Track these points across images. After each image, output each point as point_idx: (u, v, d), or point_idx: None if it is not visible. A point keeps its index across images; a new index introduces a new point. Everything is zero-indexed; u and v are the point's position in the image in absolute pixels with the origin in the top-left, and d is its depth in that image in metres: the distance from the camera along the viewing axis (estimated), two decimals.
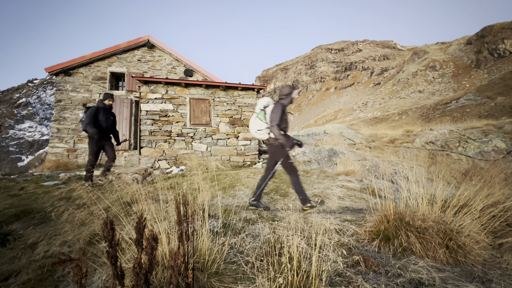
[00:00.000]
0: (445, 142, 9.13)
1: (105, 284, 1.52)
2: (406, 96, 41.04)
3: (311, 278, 1.24)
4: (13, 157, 65.22)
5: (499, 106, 18.12)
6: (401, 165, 4.56)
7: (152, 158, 7.04)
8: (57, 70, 9.03)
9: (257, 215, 2.65)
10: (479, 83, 33.29)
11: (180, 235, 1.23)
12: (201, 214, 1.82)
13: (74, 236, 2.26)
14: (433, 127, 12.58)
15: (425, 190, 1.96)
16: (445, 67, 44.40)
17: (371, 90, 53.58)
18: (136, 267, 0.89)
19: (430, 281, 1.36)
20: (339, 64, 68.25)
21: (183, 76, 10.37)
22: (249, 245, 1.83)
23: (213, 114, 7.73)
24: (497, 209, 1.84)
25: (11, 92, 78.69)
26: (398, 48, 69.08)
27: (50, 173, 6.58)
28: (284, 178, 4.89)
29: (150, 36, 10.04)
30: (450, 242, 1.64)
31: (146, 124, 7.10)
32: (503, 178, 2.31)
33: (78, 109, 9.17)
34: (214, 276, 1.44)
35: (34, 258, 2.00)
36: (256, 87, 8.11)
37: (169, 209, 2.42)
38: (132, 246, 1.68)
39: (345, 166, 5.31)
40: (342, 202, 3.46)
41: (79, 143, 9.04)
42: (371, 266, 1.52)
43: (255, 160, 7.92)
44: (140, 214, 1.00)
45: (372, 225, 1.97)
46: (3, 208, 3.36)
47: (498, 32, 39.93)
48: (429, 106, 26.40)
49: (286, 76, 76.01)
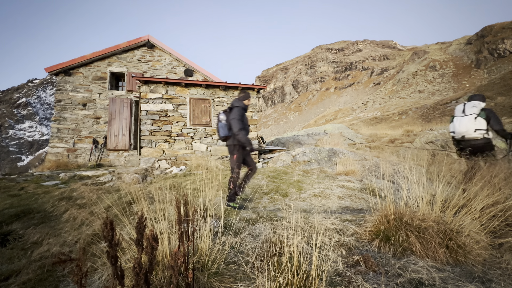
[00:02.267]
0: (445, 142, 9.13)
1: (105, 284, 1.52)
2: (406, 96, 41.04)
3: (311, 278, 1.24)
4: (13, 157, 65.22)
5: (499, 106, 18.13)
6: (401, 165, 4.55)
7: (152, 158, 7.04)
8: (57, 70, 9.03)
9: (257, 215, 2.65)
10: (479, 83, 33.29)
11: (180, 235, 1.23)
12: (202, 214, 1.82)
13: (74, 236, 2.26)
14: (433, 127, 12.58)
15: (425, 190, 1.96)
16: (445, 67, 44.40)
17: (371, 90, 53.59)
18: (136, 267, 0.89)
19: (430, 281, 1.36)
20: (339, 64, 68.24)
21: (183, 76, 10.36)
22: (249, 245, 1.83)
23: (213, 114, 7.73)
24: (497, 209, 1.84)
25: (11, 92, 78.69)
26: (398, 48, 69.08)
27: (50, 173, 6.59)
28: (284, 178, 4.89)
29: (150, 36, 10.04)
30: (450, 242, 1.64)
31: (146, 124, 7.10)
32: (503, 178, 2.31)
33: (78, 109, 9.17)
34: (214, 276, 1.44)
35: (34, 258, 2.00)
36: (256, 87, 8.11)
37: (169, 209, 2.43)
38: (132, 246, 1.68)
39: (345, 166, 5.32)
40: (342, 202, 3.46)
41: (79, 143, 9.04)
42: (371, 266, 1.52)
43: (255, 160, 7.92)
44: (140, 214, 1.00)
45: (372, 225, 1.97)
46: (3, 208, 3.36)
47: (498, 32, 39.93)
48: (429, 106, 26.41)
49: (286, 76, 76.01)
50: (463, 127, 3.27)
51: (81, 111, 9.21)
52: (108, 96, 9.45)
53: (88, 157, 8.93)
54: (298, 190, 4.01)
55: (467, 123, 3.24)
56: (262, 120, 65.39)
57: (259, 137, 12.17)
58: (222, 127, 3.26)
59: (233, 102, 3.34)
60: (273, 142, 13.83)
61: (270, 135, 48.30)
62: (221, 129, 3.26)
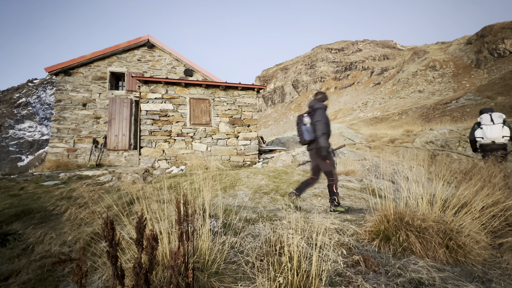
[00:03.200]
0: (445, 142, 9.14)
1: (105, 284, 1.52)
2: (406, 96, 41.04)
3: (311, 278, 1.24)
4: (13, 157, 65.21)
5: (499, 106, 18.13)
6: (401, 165, 4.56)
7: (152, 158, 7.04)
8: (57, 70, 9.03)
9: (257, 214, 2.65)
10: (479, 83, 33.28)
11: (180, 235, 1.23)
12: (202, 214, 1.82)
13: (75, 236, 2.26)
14: (433, 127, 12.59)
15: (425, 190, 1.96)
16: (445, 67, 44.38)
17: (371, 90, 53.58)
18: (136, 267, 0.89)
19: (430, 281, 1.36)
20: (339, 64, 68.22)
21: (183, 76, 10.36)
22: (249, 245, 1.83)
23: (213, 114, 7.73)
24: (497, 209, 1.84)
25: (11, 92, 78.66)
26: (398, 48, 69.06)
27: (50, 173, 6.59)
28: (284, 177, 4.89)
29: (150, 36, 10.04)
30: (450, 242, 1.64)
31: (146, 124, 7.10)
32: (503, 177, 2.31)
33: (78, 109, 9.17)
34: (214, 276, 1.44)
35: (34, 258, 2.00)
36: (256, 87, 8.11)
37: (170, 209, 2.43)
38: (133, 246, 1.68)
39: (345, 166, 5.32)
40: (342, 202, 3.46)
41: (79, 143, 9.04)
42: (371, 266, 1.52)
43: (255, 160, 7.92)
44: (140, 214, 1.00)
45: (372, 225, 1.97)
46: (3, 208, 3.36)
47: (498, 32, 39.92)
48: (429, 106, 26.40)
49: (286, 76, 75.99)
50: (494, 134, 3.93)
51: (81, 111, 9.21)
52: (108, 96, 9.45)
53: (88, 157, 8.93)
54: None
55: (497, 131, 3.91)
56: (262, 120, 65.38)
57: (259, 137, 12.17)
58: (306, 131, 3.08)
59: (313, 104, 3.18)
60: (273, 142, 13.83)
61: (270, 135, 48.29)
62: (306, 133, 3.08)
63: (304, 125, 3.11)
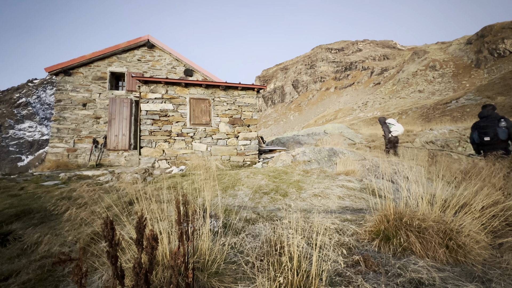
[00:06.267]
0: (445, 142, 9.14)
1: (105, 284, 1.52)
2: (406, 96, 41.03)
3: (311, 278, 1.24)
4: (13, 157, 65.21)
5: (499, 106, 18.12)
6: (401, 165, 4.56)
7: (152, 158, 7.04)
8: (57, 70, 9.03)
9: (257, 214, 2.65)
10: (479, 82, 33.28)
11: (180, 235, 1.23)
12: (202, 214, 1.82)
13: (75, 236, 2.26)
14: (433, 127, 12.58)
15: (425, 189, 1.96)
16: (445, 67, 44.38)
17: (371, 90, 53.57)
18: (136, 267, 0.89)
19: (430, 281, 1.36)
20: (339, 64, 68.22)
21: (183, 76, 10.36)
22: (249, 245, 1.83)
23: (213, 114, 7.73)
24: (497, 209, 1.84)
25: (11, 92, 78.65)
26: (398, 48, 69.05)
27: (50, 173, 6.58)
28: (284, 177, 4.89)
29: (150, 36, 10.04)
30: (450, 242, 1.64)
31: (146, 124, 7.10)
32: (503, 177, 2.30)
33: (78, 109, 9.17)
34: (214, 276, 1.44)
35: (34, 258, 2.00)
36: (256, 87, 8.10)
37: (170, 209, 2.43)
38: (132, 246, 1.68)
39: (345, 166, 5.31)
40: (342, 202, 3.46)
41: (79, 143, 9.04)
42: (371, 266, 1.52)
43: (255, 160, 7.92)
44: (140, 214, 1.00)
45: (372, 225, 1.96)
46: (3, 208, 3.36)
47: (498, 32, 39.92)
48: (429, 105, 26.40)
49: (286, 76, 75.98)
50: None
51: (81, 111, 9.21)
52: (108, 96, 9.45)
53: (88, 157, 8.93)
54: (298, 190, 4.01)
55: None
56: (262, 120, 65.36)
57: (259, 137, 12.17)
58: (502, 132, 3.90)
59: (495, 114, 4.10)
60: (273, 142, 13.83)
61: (270, 135, 48.28)
62: (501, 133, 3.90)
63: (499, 128, 3.96)
